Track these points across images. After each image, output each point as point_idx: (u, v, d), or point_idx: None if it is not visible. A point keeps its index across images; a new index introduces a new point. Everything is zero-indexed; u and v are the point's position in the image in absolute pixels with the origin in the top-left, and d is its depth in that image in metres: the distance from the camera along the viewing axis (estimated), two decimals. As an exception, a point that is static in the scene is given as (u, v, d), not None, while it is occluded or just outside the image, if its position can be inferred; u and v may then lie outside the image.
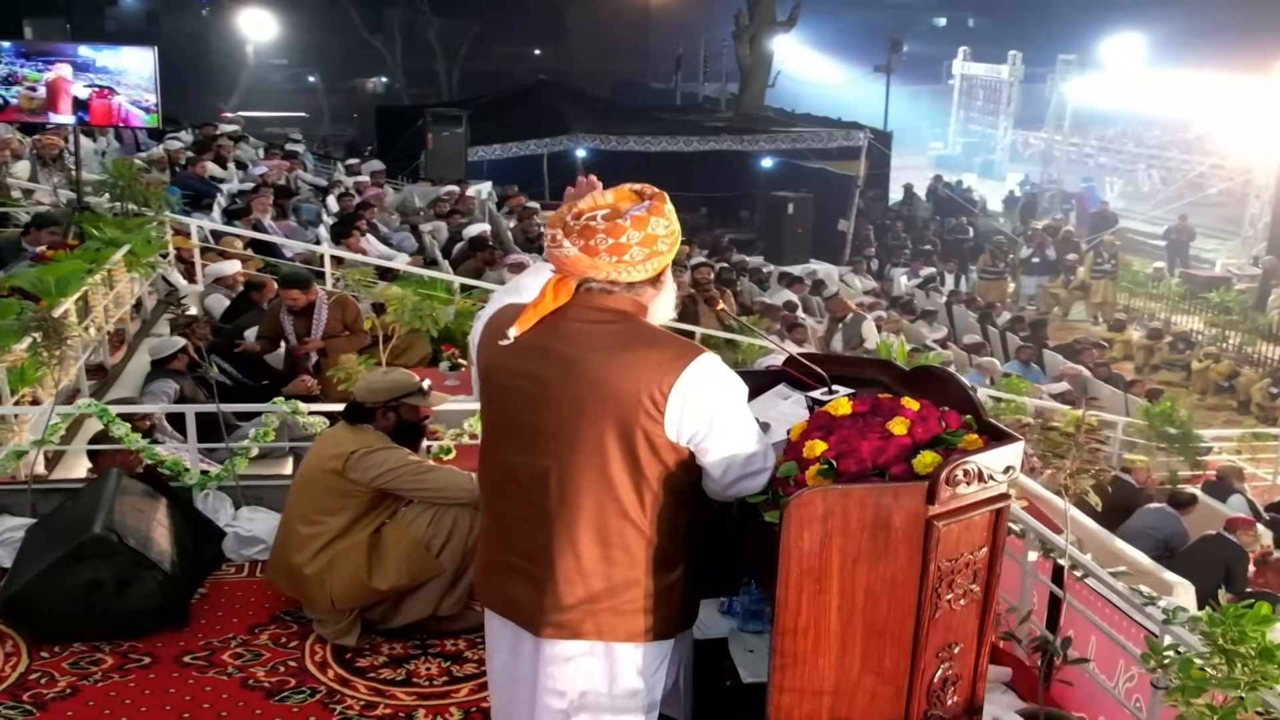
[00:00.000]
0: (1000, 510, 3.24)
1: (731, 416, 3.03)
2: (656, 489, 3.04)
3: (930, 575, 3.10)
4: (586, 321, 3.05)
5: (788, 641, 3.10)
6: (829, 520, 3.02)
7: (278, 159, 19.33)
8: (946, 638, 3.26)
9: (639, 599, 3.11)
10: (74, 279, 8.28)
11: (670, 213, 3.03)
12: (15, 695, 4.66)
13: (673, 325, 10.20)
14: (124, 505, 5.37)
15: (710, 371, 3.00)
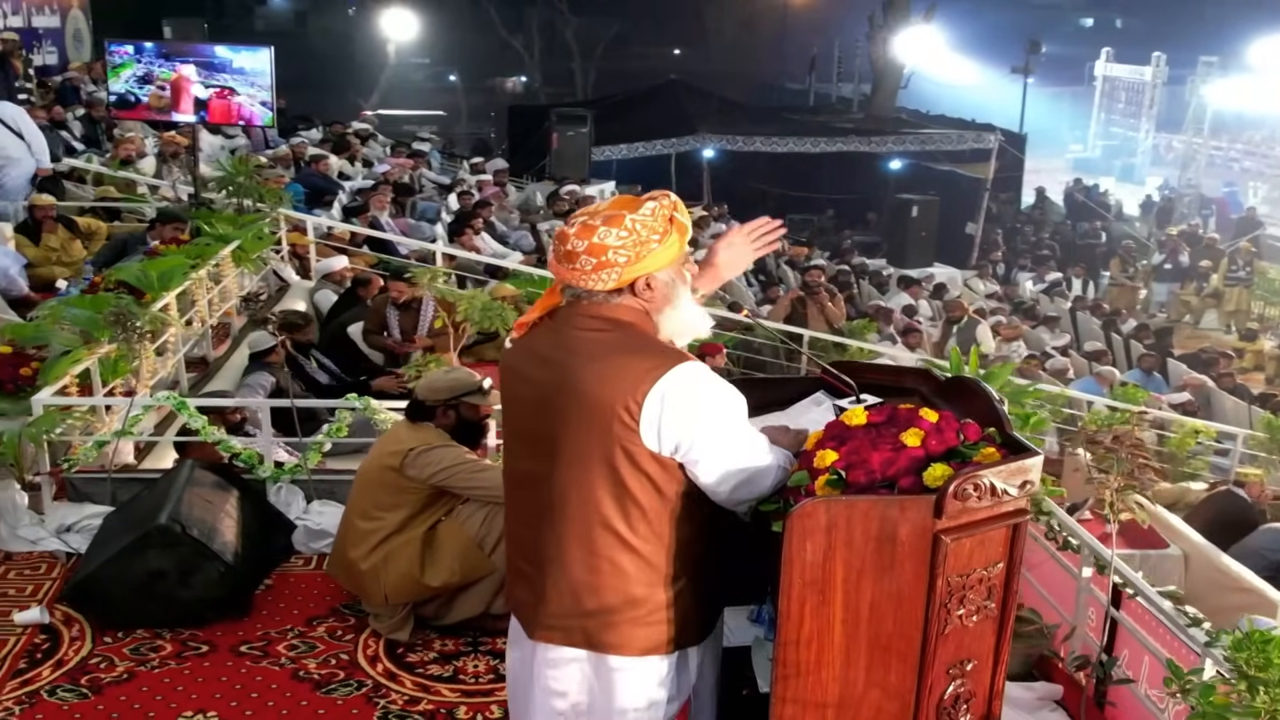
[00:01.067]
0: (1018, 525, 3.15)
1: (717, 425, 2.96)
2: (642, 502, 3.01)
3: (938, 590, 3.03)
4: (583, 330, 3.05)
5: (790, 653, 3.06)
6: (833, 531, 2.96)
7: (402, 157, 19.62)
8: (958, 654, 3.18)
9: (629, 613, 3.08)
10: (176, 273, 8.48)
11: (636, 224, 2.97)
12: (74, 678, 4.79)
13: (781, 328, 10.13)
14: (193, 496, 5.48)
15: (689, 380, 2.94)
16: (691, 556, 3.12)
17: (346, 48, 43.67)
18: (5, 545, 5.90)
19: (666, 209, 3.03)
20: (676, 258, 3.07)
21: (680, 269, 3.10)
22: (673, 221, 3.04)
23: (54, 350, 6.73)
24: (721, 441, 2.98)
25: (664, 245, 3.01)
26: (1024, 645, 4.79)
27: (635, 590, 3.07)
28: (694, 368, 2.97)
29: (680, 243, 3.06)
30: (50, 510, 6.07)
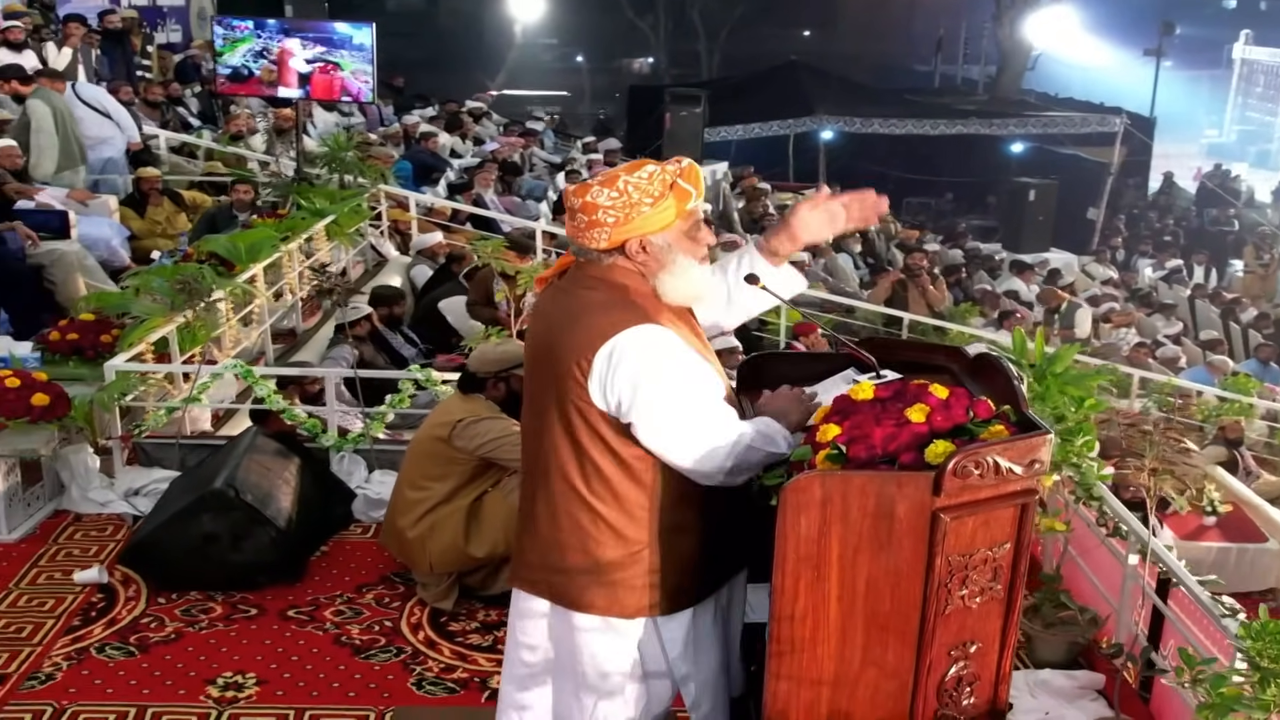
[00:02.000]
0: (1026, 506, 3.07)
1: (657, 389, 2.95)
2: (598, 461, 3.05)
3: (937, 569, 2.97)
4: (577, 288, 3.12)
5: (784, 629, 3.03)
6: (828, 506, 2.92)
7: (515, 136, 19.71)
8: (961, 636, 3.12)
9: (590, 572, 3.12)
10: (265, 246, 8.62)
11: (629, 186, 3.01)
12: (124, 636, 4.90)
13: (882, 311, 10.04)
14: (251, 463, 5.57)
15: (638, 341, 2.95)
16: (661, 524, 3.11)
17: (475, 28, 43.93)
18: (76, 507, 6.05)
19: (668, 175, 3.04)
20: (673, 223, 3.05)
21: (681, 235, 3.08)
22: (673, 187, 3.03)
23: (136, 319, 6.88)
24: (660, 405, 2.96)
25: (656, 209, 3.01)
26: (1070, 634, 4.69)
27: (595, 550, 3.10)
28: (647, 330, 2.97)
29: (677, 208, 3.04)
30: (120, 474, 6.22)
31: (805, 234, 3.36)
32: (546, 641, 3.27)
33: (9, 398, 5.77)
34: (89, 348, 6.80)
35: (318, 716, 4.38)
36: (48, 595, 5.23)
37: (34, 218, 9.55)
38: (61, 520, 5.97)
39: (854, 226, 3.51)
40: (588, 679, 3.21)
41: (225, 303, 7.70)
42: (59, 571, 5.43)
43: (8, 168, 10.36)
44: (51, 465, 6.09)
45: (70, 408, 5.99)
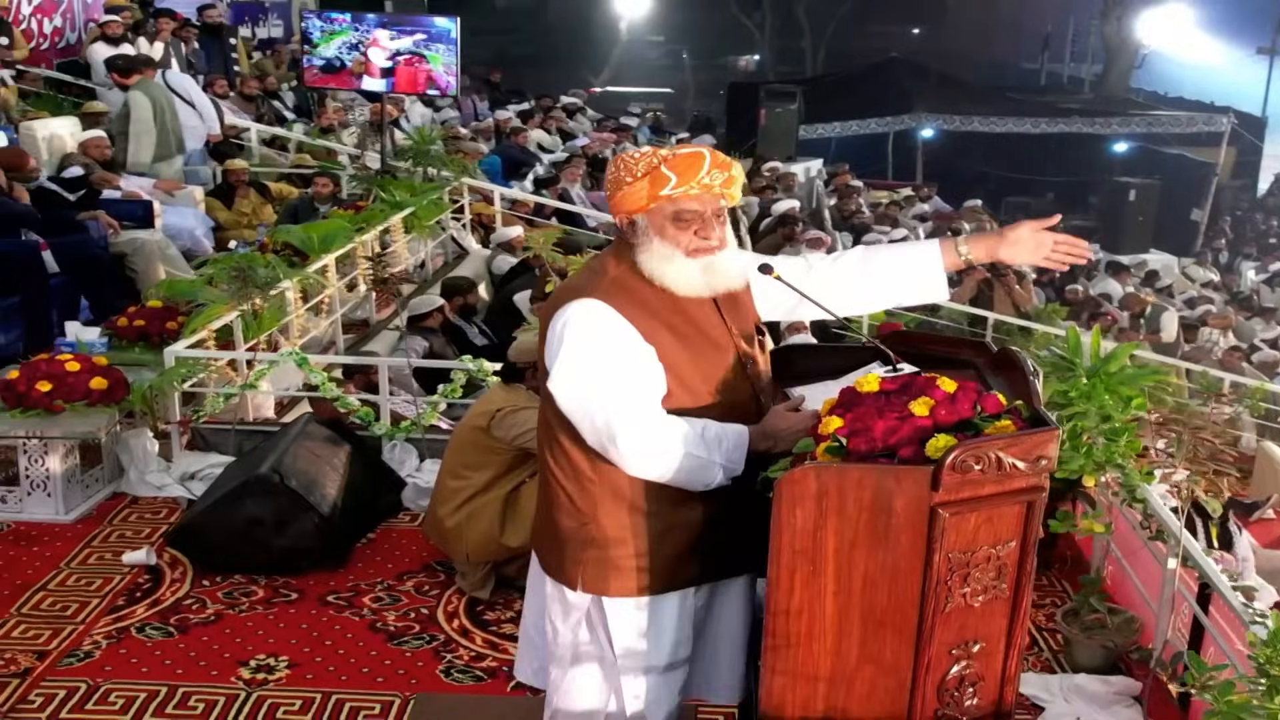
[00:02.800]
0: (1033, 503, 2.99)
1: (564, 365, 3.00)
2: (556, 431, 3.14)
3: (936, 566, 2.91)
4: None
5: (780, 623, 2.98)
6: (824, 499, 2.87)
7: (607, 132, 19.76)
8: (963, 635, 3.05)
9: (552, 538, 3.22)
10: (338, 237, 8.72)
11: (620, 164, 3.10)
12: (165, 617, 4.98)
13: (967, 310, 9.91)
14: (300, 449, 5.63)
15: (567, 315, 3.02)
16: (611, 501, 3.11)
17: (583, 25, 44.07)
18: (133, 490, 6.16)
19: (656, 158, 3.06)
20: (647, 205, 3.05)
21: (664, 220, 3.07)
22: (652, 170, 3.03)
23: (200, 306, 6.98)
24: (562, 376, 3.01)
25: (632, 189, 3.05)
26: (1107, 638, 4.58)
27: (557, 517, 3.18)
28: (585, 304, 3.02)
29: (648, 192, 3.03)
30: (177, 458, 6.32)
31: (1009, 252, 3.40)
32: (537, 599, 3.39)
33: (68, 381, 5.89)
34: (155, 334, 6.94)
35: (343, 700, 4.41)
36: (96, 575, 5.33)
37: (119, 207, 9.74)
38: (119, 502, 6.08)
39: (1051, 264, 3.48)
40: (552, 650, 3.28)
41: (293, 292, 7.79)
42: (110, 552, 5.53)
43: (96, 158, 10.59)
44: (111, 448, 6.20)
45: (128, 392, 6.10)
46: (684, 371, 3.09)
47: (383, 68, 12.10)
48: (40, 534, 5.71)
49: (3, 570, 5.36)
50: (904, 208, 19.11)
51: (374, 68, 12.14)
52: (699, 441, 3.04)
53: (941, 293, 3.49)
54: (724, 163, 3.10)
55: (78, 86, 13.65)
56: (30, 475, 5.83)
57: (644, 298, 3.06)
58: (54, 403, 5.81)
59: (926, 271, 3.42)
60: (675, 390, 3.07)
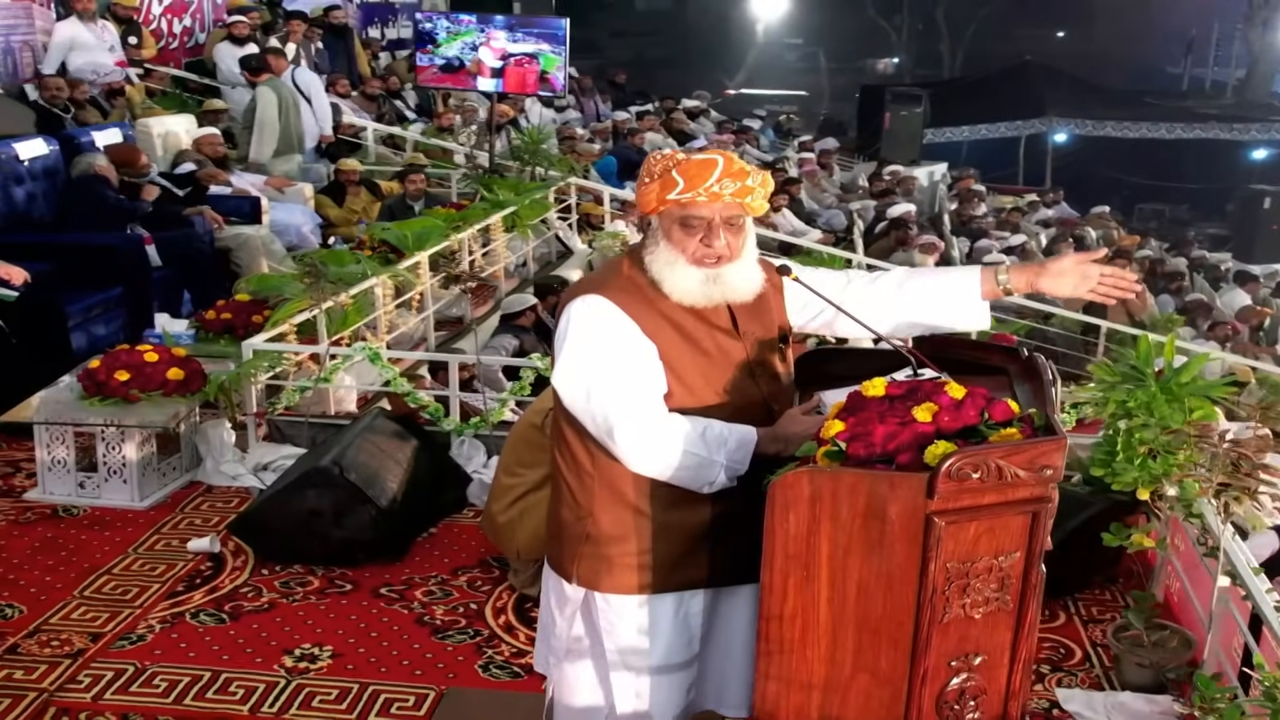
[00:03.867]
0: (1038, 514, 2.92)
1: (564, 359, 3.02)
2: (561, 425, 3.17)
3: (931, 576, 2.85)
4: None
5: (773, 628, 2.95)
6: (817, 504, 2.84)
7: (728, 134, 19.72)
8: (963, 647, 2.98)
9: (553, 531, 3.27)
10: (433, 234, 8.82)
11: (649, 162, 3.08)
12: (219, 604, 5.08)
13: (1080, 319, 9.71)
14: (364, 443, 5.70)
15: (571, 311, 3.04)
16: (608, 496, 3.10)
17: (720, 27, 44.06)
18: (209, 479, 6.29)
19: (669, 161, 3.03)
20: (655, 206, 3.03)
21: (671, 223, 3.03)
22: (664, 173, 3.00)
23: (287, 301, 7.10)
24: (563, 372, 3.02)
25: (644, 189, 3.04)
26: (1157, 656, 4.44)
27: (558, 509, 3.23)
28: (590, 299, 3.02)
29: (657, 194, 3.01)
30: (253, 449, 6.45)
31: (1050, 284, 3.35)
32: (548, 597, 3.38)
33: (146, 371, 6.03)
34: (240, 327, 7.08)
35: (379, 691, 4.45)
36: (161, 561, 5.45)
37: (226, 203, 9.98)
38: (193, 491, 6.22)
39: (1097, 298, 3.44)
40: (552, 642, 3.31)
41: (382, 288, 7.89)
42: (177, 540, 5.65)
43: (209, 155, 10.85)
44: (190, 438, 6.34)
45: (205, 383, 6.22)
46: (686, 372, 3.07)
47: (493, 68, 12.22)
48: (114, 519, 5.86)
49: (74, 553, 5.51)
50: (1026, 213, 18.78)
51: (485, 67, 12.27)
52: (699, 440, 3.01)
53: (981, 320, 3.42)
54: (739, 171, 3.02)
55: (202, 85, 14.00)
56: (108, 462, 5.99)
57: (651, 296, 3.05)
58: (130, 392, 5.95)
59: (964, 298, 3.36)
60: (676, 390, 3.06)
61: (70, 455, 6.02)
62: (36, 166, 9.03)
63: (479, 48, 12.36)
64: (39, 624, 4.88)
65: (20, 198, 8.82)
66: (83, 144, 9.50)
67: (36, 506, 5.98)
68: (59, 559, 5.46)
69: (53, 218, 8.98)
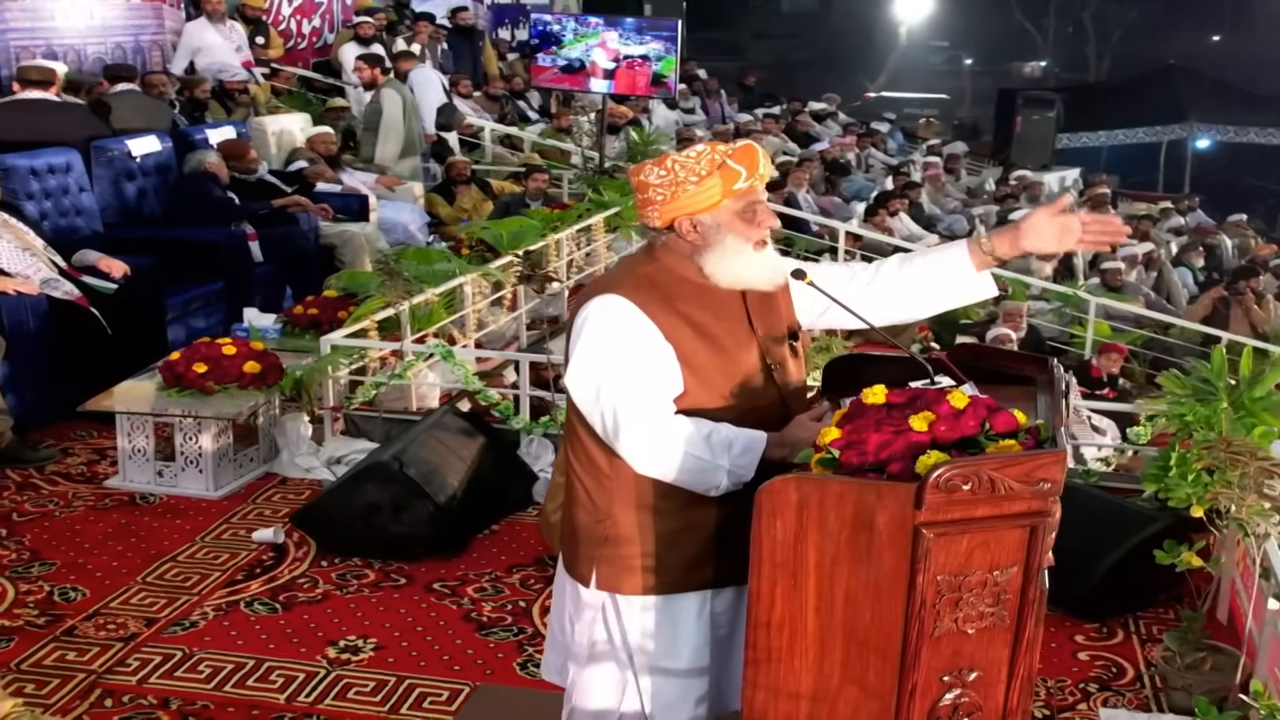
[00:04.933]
0: (1036, 528, 2.85)
1: (580, 358, 2.99)
2: (575, 425, 3.14)
3: (919, 588, 2.80)
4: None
5: (761, 636, 2.91)
6: (804, 512, 2.80)
7: (853, 136, 19.57)
8: (956, 662, 2.92)
9: (570, 534, 3.23)
10: (528, 234, 8.91)
11: (676, 164, 3.00)
12: (275, 594, 5.17)
13: (1200, 329, 9.49)
14: (429, 439, 5.77)
15: (589, 310, 3.01)
16: (626, 498, 3.08)
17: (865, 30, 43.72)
18: (284, 471, 6.41)
19: (718, 154, 3.01)
20: (720, 203, 3.01)
21: (733, 216, 3.04)
22: (721, 167, 2.99)
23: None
24: (574, 372, 3.00)
25: (701, 188, 2.98)
26: (1209, 679, 4.30)
27: (575, 513, 3.19)
28: (604, 301, 3.00)
29: (722, 188, 3.00)
30: (327, 442, 6.55)
31: (1031, 241, 3.26)
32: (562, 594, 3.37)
33: (223, 364, 6.16)
34: (325, 323, 7.20)
35: (415, 685, 4.50)
36: (224, 550, 5.57)
37: (334, 200, 10.16)
38: (268, 482, 6.35)
39: (1085, 247, 3.41)
40: (570, 648, 3.28)
41: (471, 287, 7.98)
42: (245, 529, 5.77)
43: (321, 153, 11.06)
44: (268, 430, 6.47)
45: (281, 377, 6.34)
46: (705, 370, 3.06)
47: (606, 69, 12.29)
48: (187, 508, 6.00)
49: (144, 540, 5.66)
50: (1157, 221, 18.31)
51: (599, 69, 12.35)
52: (703, 443, 2.99)
53: (983, 290, 3.37)
54: (767, 154, 3.11)
55: (326, 85, 14.28)
56: (185, 452, 6.13)
57: (670, 295, 3.04)
58: (207, 384, 6.08)
59: (959, 273, 3.31)
60: (695, 389, 3.04)
61: (150, 444, 6.18)
62: (149, 163, 9.28)
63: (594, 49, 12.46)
64: (99, 608, 5.02)
65: (131, 193, 9.08)
66: (196, 141, 9.74)
67: (115, 494, 6.15)
68: (128, 545, 5.61)
69: (163, 213, 9.22)
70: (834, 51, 39.54)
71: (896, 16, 42.16)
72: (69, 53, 11.85)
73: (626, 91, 12.74)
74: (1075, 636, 4.93)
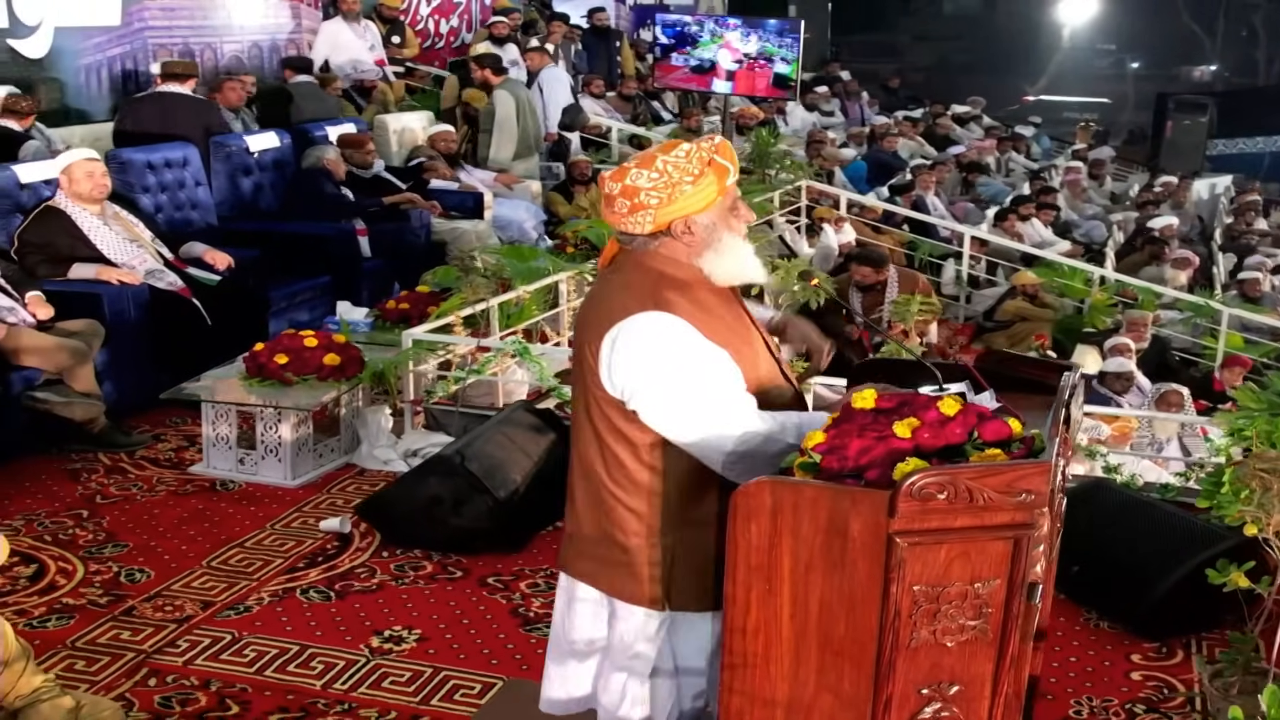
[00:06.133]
0: (1019, 540, 2.78)
1: (655, 374, 2.89)
2: (613, 447, 3.03)
3: (893, 598, 2.75)
4: (610, 274, 3.12)
5: (737, 641, 2.89)
6: (778, 516, 2.78)
7: (994, 139, 19.24)
8: (935, 675, 2.86)
9: (618, 555, 3.10)
10: (616, 231, 8.93)
11: (668, 165, 2.94)
12: (331, 581, 5.26)
13: None
14: (496, 434, 5.82)
15: (641, 327, 2.90)
16: (680, 515, 3.04)
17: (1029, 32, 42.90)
18: (363, 462, 6.52)
19: (705, 152, 2.99)
20: (715, 201, 3.00)
21: (725, 213, 3.03)
22: (711, 164, 2.98)
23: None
24: (659, 391, 2.91)
25: (698, 187, 2.95)
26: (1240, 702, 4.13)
27: (621, 538, 3.07)
28: (652, 316, 2.91)
29: (718, 185, 2.99)
30: (406, 435, 6.64)
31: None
32: (579, 618, 3.25)
33: (304, 356, 6.29)
34: (415, 318, 7.30)
35: (449, 677, 4.53)
36: (292, 537, 5.69)
37: (450, 198, 10.32)
38: (347, 473, 6.46)
39: None
40: (619, 662, 3.20)
41: (568, 284, 8.03)
42: (316, 518, 5.87)
43: (442, 151, 11.22)
44: (350, 421, 6.59)
45: (361, 369, 6.45)
46: (746, 366, 3.05)
47: (728, 70, 12.28)
48: (263, 496, 6.14)
49: (216, 525, 5.81)
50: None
51: (720, 69, 12.35)
52: (786, 430, 3.00)
53: None
54: None
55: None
56: (265, 441, 6.28)
57: (693, 300, 2.99)
58: (285, 374, 6.21)
59: None
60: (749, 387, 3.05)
61: (232, 433, 6.34)
62: (266, 159, 9.53)
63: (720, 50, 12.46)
64: (160, 589, 5.16)
65: (247, 188, 9.32)
66: (316, 137, 9.96)
67: (197, 479, 6.32)
68: (200, 530, 5.75)
69: (278, 207, 9.44)
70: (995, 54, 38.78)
71: (1061, 19, 41.16)
72: (205, 50, 12.20)
73: (746, 92, 12.72)
74: (1131, 655, 4.78)
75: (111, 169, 8.09)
